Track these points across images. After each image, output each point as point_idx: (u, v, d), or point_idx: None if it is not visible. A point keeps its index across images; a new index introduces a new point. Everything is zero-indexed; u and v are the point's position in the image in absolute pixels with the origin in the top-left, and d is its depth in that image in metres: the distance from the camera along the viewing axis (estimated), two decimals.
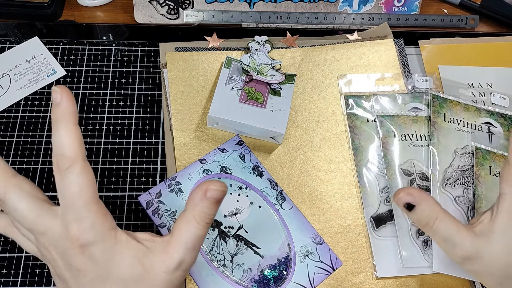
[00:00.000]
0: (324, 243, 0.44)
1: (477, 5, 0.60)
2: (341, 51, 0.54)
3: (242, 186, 0.46)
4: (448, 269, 0.43)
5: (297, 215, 0.45)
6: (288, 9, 0.57)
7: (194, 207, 0.31)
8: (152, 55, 0.54)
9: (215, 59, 0.53)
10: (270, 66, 0.50)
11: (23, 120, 0.50)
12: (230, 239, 0.43)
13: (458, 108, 0.50)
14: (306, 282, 0.42)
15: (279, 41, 0.55)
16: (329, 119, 0.50)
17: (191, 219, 0.31)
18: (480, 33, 0.60)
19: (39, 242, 0.31)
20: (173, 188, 0.45)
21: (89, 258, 0.30)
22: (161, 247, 0.31)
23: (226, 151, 0.47)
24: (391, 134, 0.49)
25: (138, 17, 0.56)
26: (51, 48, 0.54)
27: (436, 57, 0.56)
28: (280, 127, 0.46)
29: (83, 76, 0.53)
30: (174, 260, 0.31)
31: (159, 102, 0.52)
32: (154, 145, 0.49)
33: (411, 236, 0.44)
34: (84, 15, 0.57)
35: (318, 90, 0.52)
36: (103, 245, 0.30)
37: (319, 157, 0.48)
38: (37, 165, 0.47)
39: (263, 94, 0.48)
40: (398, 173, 0.47)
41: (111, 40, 0.55)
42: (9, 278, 0.42)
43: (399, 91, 0.52)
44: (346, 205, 0.46)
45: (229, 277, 0.42)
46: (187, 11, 0.56)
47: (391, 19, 0.58)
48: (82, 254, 0.30)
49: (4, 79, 0.51)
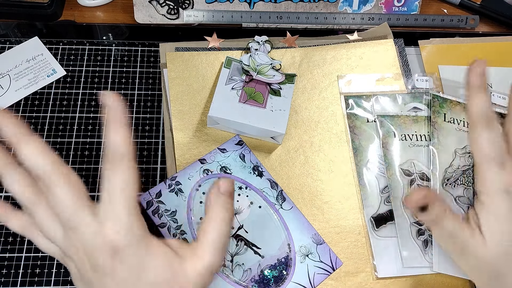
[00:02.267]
0: (324, 243, 0.44)
1: (477, 5, 0.60)
2: (341, 51, 0.54)
3: (242, 186, 0.46)
4: (448, 269, 0.43)
5: (297, 215, 0.45)
6: (288, 9, 0.57)
7: (212, 207, 0.32)
8: (152, 55, 0.54)
9: (215, 59, 0.53)
10: (270, 66, 0.50)
11: (23, 120, 0.49)
12: (230, 239, 0.43)
13: (458, 108, 0.50)
14: (306, 282, 0.42)
15: (279, 41, 0.55)
16: (329, 119, 0.50)
17: (212, 219, 0.32)
18: (480, 33, 0.60)
19: (68, 239, 0.31)
20: (173, 188, 0.45)
21: (119, 261, 0.30)
22: (190, 251, 0.32)
23: (226, 151, 0.47)
24: (391, 134, 0.49)
25: (138, 17, 0.56)
26: (51, 48, 0.54)
27: (436, 57, 0.56)
28: (280, 127, 0.46)
29: (83, 76, 0.53)
30: (205, 263, 0.31)
31: (159, 102, 0.52)
32: (154, 145, 0.49)
33: (411, 236, 0.44)
34: (84, 15, 0.57)
35: (318, 90, 0.52)
36: (135, 249, 0.30)
37: (319, 157, 0.48)
38: None
39: (263, 94, 0.48)
40: (398, 173, 0.47)
41: (111, 40, 0.55)
42: (9, 278, 0.42)
43: (399, 91, 0.52)
44: (346, 205, 0.46)
45: (229, 277, 0.42)
46: (187, 11, 0.56)
47: (391, 19, 0.58)
48: (112, 257, 0.29)
49: (4, 79, 0.51)
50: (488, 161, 0.37)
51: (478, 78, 0.38)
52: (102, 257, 0.29)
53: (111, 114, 0.30)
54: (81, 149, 0.48)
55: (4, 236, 0.44)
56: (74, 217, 0.30)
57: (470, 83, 0.38)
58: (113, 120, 0.30)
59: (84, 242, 0.30)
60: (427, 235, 0.44)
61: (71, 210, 0.30)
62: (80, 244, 0.30)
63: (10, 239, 0.44)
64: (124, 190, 0.30)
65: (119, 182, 0.30)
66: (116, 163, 0.30)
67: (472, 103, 0.38)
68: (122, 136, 0.30)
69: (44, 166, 0.29)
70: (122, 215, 0.30)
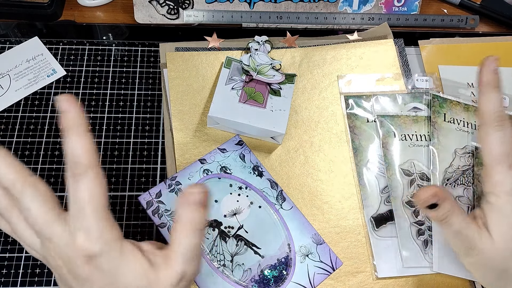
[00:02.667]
0: (324, 243, 0.44)
1: (477, 5, 0.60)
2: (341, 51, 0.54)
3: (242, 186, 0.46)
4: (448, 269, 0.43)
5: (297, 215, 0.45)
6: (288, 9, 0.57)
7: (180, 217, 0.31)
8: (152, 55, 0.54)
9: (215, 59, 0.53)
10: (270, 66, 0.50)
11: (23, 120, 0.50)
12: (230, 239, 0.43)
13: (458, 108, 0.50)
14: (306, 282, 0.42)
15: (279, 41, 0.55)
16: (329, 119, 0.50)
17: (182, 229, 0.31)
18: (480, 33, 0.60)
19: (45, 248, 0.31)
20: (173, 188, 0.45)
21: (95, 268, 0.30)
22: (162, 260, 0.31)
23: (226, 151, 0.47)
24: (391, 134, 0.49)
25: (138, 17, 0.56)
26: (51, 48, 0.54)
27: (436, 57, 0.56)
28: (280, 127, 0.46)
29: (83, 76, 0.53)
30: (177, 273, 0.31)
31: (159, 102, 0.52)
32: (154, 145, 0.49)
33: (412, 236, 0.44)
34: (84, 15, 0.57)
35: (318, 90, 0.52)
36: (109, 256, 0.30)
37: (319, 157, 0.48)
38: (37, 165, 0.47)
39: (263, 94, 0.48)
40: (398, 173, 0.47)
41: (111, 40, 0.55)
42: (9, 278, 0.42)
43: (399, 91, 0.52)
44: (346, 205, 0.46)
45: (229, 277, 0.42)
46: (187, 11, 0.56)
47: (391, 19, 0.58)
48: (88, 264, 0.29)
49: (4, 79, 0.51)
50: (499, 162, 0.36)
51: (490, 75, 0.37)
52: (79, 265, 0.29)
53: (67, 120, 0.29)
54: None
55: (4, 236, 0.44)
56: (45, 229, 0.30)
57: (483, 80, 0.37)
58: (71, 127, 0.29)
59: (59, 251, 0.30)
60: (427, 235, 0.44)
61: (42, 221, 0.29)
62: (56, 254, 0.30)
63: (10, 239, 0.44)
64: (91, 201, 0.29)
65: (85, 193, 0.29)
66: (80, 175, 0.29)
67: (484, 101, 0.37)
68: (82, 144, 0.29)
69: (8, 175, 0.29)
70: (91, 224, 0.29)
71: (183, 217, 0.31)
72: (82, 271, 0.30)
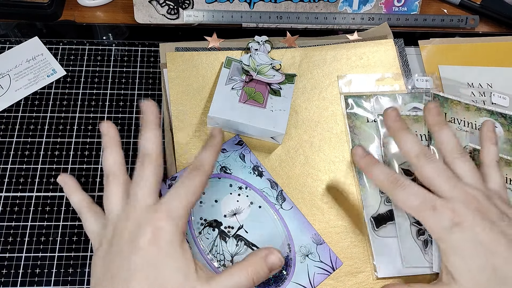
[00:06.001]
0: (324, 243, 0.44)
1: (477, 5, 0.60)
2: (341, 51, 0.54)
3: (242, 186, 0.46)
4: None
5: (297, 215, 0.45)
6: (288, 9, 0.57)
7: (251, 262, 0.34)
8: (152, 55, 0.54)
9: (215, 59, 0.53)
10: (270, 66, 0.50)
11: (23, 120, 0.50)
12: (230, 239, 0.43)
13: (459, 107, 0.50)
14: (306, 282, 0.42)
15: (279, 41, 0.55)
16: (329, 119, 0.50)
17: (244, 269, 0.34)
18: (480, 33, 0.60)
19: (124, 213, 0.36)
20: None
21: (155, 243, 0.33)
22: (205, 277, 0.33)
23: (226, 151, 0.47)
24: None
25: (138, 17, 0.56)
26: (51, 48, 0.54)
27: (436, 57, 0.56)
28: (280, 127, 0.46)
29: (83, 76, 0.53)
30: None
31: (159, 102, 0.52)
32: None
33: (412, 236, 0.44)
34: (84, 15, 0.57)
35: (318, 90, 0.52)
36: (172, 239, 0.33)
37: (319, 157, 0.48)
38: (37, 165, 0.47)
39: (263, 94, 0.48)
40: (399, 173, 0.47)
41: (111, 40, 0.55)
42: (9, 278, 0.42)
43: (399, 91, 0.52)
44: (346, 205, 0.46)
45: None
46: (187, 11, 0.56)
47: (391, 19, 0.58)
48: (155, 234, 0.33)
49: (4, 79, 0.51)
50: (419, 212, 0.38)
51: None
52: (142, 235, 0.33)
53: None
54: (81, 149, 0.48)
55: (4, 236, 0.44)
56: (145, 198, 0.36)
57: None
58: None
59: (139, 214, 0.34)
60: (427, 235, 0.44)
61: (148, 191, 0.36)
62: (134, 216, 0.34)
63: (10, 239, 0.44)
64: (187, 195, 0.35)
65: (191, 187, 0.35)
66: (194, 171, 0.36)
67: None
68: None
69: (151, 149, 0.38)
70: (179, 209, 0.34)
71: (252, 262, 0.34)
72: (142, 241, 0.33)
